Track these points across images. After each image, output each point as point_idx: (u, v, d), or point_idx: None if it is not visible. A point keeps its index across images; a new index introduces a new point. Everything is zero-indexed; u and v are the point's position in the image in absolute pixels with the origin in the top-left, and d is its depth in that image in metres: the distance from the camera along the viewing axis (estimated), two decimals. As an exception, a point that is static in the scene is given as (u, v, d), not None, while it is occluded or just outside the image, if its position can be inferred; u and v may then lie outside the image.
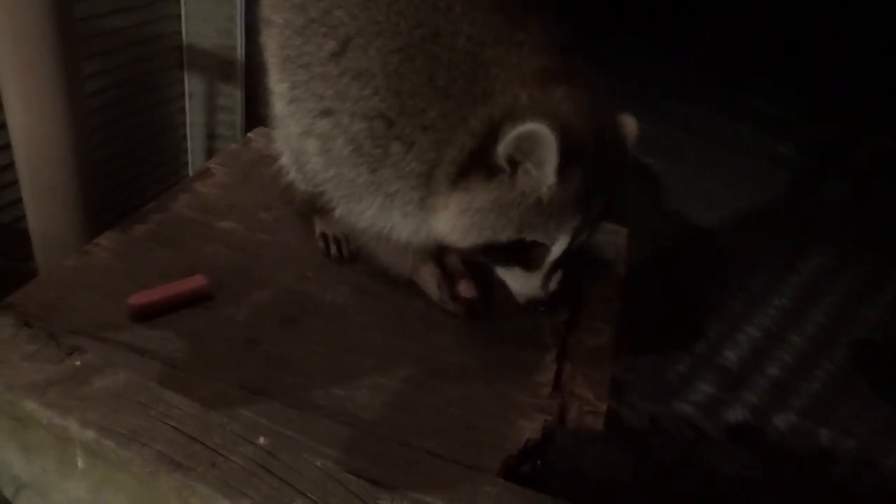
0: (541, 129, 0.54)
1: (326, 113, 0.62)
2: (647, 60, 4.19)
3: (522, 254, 0.61)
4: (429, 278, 0.71)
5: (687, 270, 2.49)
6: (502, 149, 0.56)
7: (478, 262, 0.68)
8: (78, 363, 0.39)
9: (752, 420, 1.87)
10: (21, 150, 0.73)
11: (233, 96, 1.92)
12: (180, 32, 1.81)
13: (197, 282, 0.66)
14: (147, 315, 0.62)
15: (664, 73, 4.07)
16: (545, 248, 0.61)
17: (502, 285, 0.66)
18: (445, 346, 0.68)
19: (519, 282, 0.64)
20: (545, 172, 0.56)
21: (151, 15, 1.63)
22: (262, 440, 0.37)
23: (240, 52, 1.85)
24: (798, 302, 2.35)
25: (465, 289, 0.70)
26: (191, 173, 2.05)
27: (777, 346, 2.14)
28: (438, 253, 0.71)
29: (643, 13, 4.71)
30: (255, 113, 2.14)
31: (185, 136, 2.02)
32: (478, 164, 0.58)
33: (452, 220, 0.61)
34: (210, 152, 2.00)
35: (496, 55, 0.59)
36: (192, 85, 1.92)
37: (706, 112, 3.65)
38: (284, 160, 0.73)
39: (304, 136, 0.65)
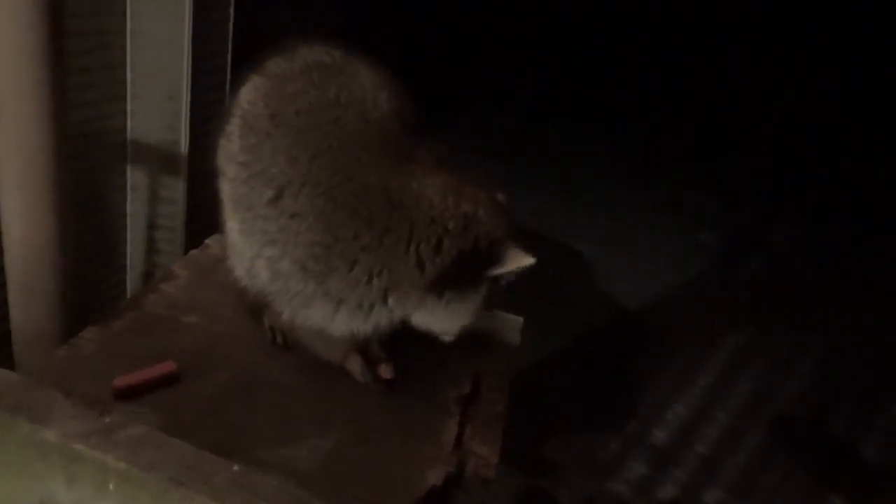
0: (531, 262, 0.83)
1: (272, 243, 0.84)
2: (574, 147, 4.70)
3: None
4: (354, 365, 0.96)
5: (616, 350, 2.78)
6: (508, 270, 0.84)
7: (392, 346, 0.94)
8: (107, 420, 0.61)
9: (682, 497, 2.09)
10: (15, 258, 0.94)
11: (175, 188, 2.09)
12: (125, 129, 2.00)
13: (168, 366, 0.88)
14: (128, 395, 0.84)
15: (590, 159, 4.58)
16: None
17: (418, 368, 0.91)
18: (370, 413, 0.92)
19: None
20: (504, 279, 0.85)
21: (97, 112, 1.80)
22: (235, 467, 0.60)
23: (184, 146, 2.05)
24: (721, 379, 2.65)
25: (385, 371, 0.96)
26: (128, 263, 2.21)
27: (703, 422, 2.41)
28: (362, 343, 0.94)
29: (571, 101, 5.23)
30: (198, 202, 2.33)
31: (124, 226, 2.15)
32: (456, 276, 0.83)
33: (444, 320, 0.87)
34: (151, 242, 2.16)
35: (405, 182, 0.83)
36: (135, 178, 2.07)
37: (629, 197, 4.13)
38: (237, 273, 0.94)
39: (254, 259, 0.87)
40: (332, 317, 0.86)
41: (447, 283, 0.83)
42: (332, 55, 0.91)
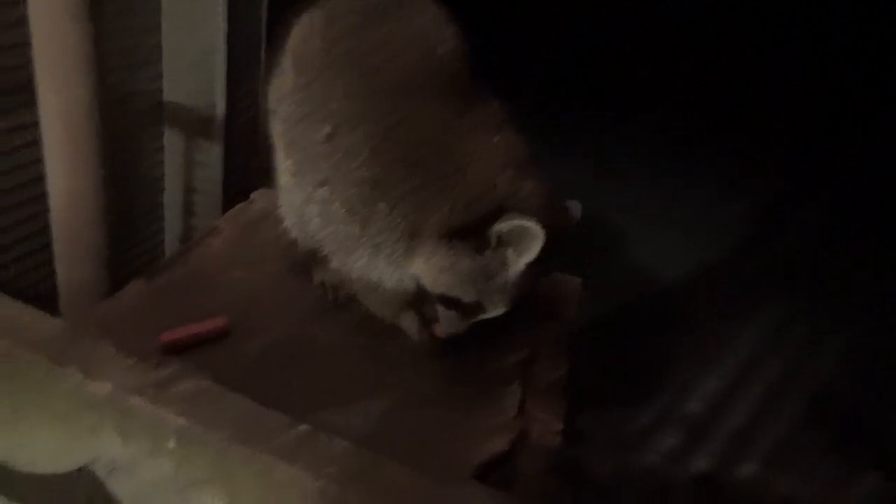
0: (537, 230, 0.72)
1: (324, 182, 0.81)
2: (605, 118, 4.56)
3: (466, 307, 0.81)
4: (408, 323, 0.90)
5: (648, 322, 2.70)
6: (499, 230, 0.74)
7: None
8: (162, 373, 0.56)
9: (715, 470, 2.03)
10: (60, 213, 0.90)
11: (212, 151, 2.07)
12: (160, 92, 1.96)
13: (219, 322, 0.83)
14: (175, 349, 0.79)
15: (621, 130, 4.43)
16: (484, 309, 0.81)
17: (476, 330, 0.84)
18: (424, 376, 0.87)
19: (449, 321, 0.83)
20: (520, 262, 0.75)
21: (132, 75, 1.81)
22: (301, 426, 0.54)
23: (220, 110, 2.01)
24: (755, 353, 2.57)
25: (440, 330, 0.89)
26: (166, 227, 2.19)
27: (737, 396, 2.34)
28: (418, 300, 0.89)
29: (601, 72, 5.07)
30: (234, 166, 2.31)
31: (161, 190, 2.14)
32: (468, 234, 0.76)
33: (432, 271, 0.79)
34: (187, 205, 2.13)
35: (464, 136, 0.78)
36: (171, 142, 2.05)
37: (661, 170, 3.99)
38: (287, 223, 0.92)
39: (306, 203, 0.84)
40: (373, 265, 0.82)
41: (464, 237, 0.76)
42: None
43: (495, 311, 0.81)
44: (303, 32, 0.85)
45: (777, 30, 4.91)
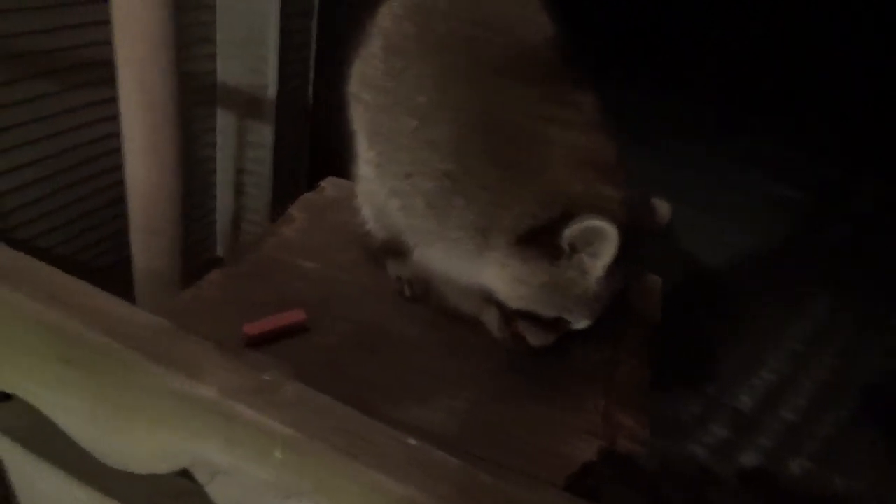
0: (608, 228, 0.66)
1: (407, 176, 0.77)
2: (647, 99, 4.41)
3: (549, 321, 0.76)
4: (490, 319, 0.86)
5: (694, 310, 2.63)
6: (569, 234, 0.69)
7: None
8: (267, 377, 0.53)
9: (764, 464, 1.97)
10: (137, 199, 0.88)
11: (263, 132, 2.07)
12: (213, 72, 1.95)
13: (298, 315, 0.80)
14: (258, 342, 0.77)
15: (664, 111, 4.28)
16: (569, 323, 0.76)
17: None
18: (503, 374, 0.83)
19: (535, 335, 0.78)
20: (597, 266, 0.69)
21: (185, 55, 1.84)
22: (411, 441, 0.51)
23: (271, 90, 2.00)
24: (805, 344, 2.48)
25: (523, 328, 0.85)
26: (217, 206, 2.19)
27: (789, 389, 2.26)
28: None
29: (644, 52, 4.90)
30: (284, 147, 2.30)
31: (213, 169, 2.15)
32: (539, 240, 0.71)
33: (506, 284, 0.74)
34: (239, 185, 2.14)
35: (550, 133, 0.72)
36: (223, 121, 2.05)
37: (706, 151, 3.84)
38: (365, 212, 0.89)
39: (389, 196, 0.80)
40: (450, 261, 0.78)
41: (537, 244, 0.71)
42: None
43: (581, 324, 0.76)
44: (393, 14, 0.80)
45: (838, 12, 4.66)
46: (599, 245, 0.68)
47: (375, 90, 0.80)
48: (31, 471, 0.63)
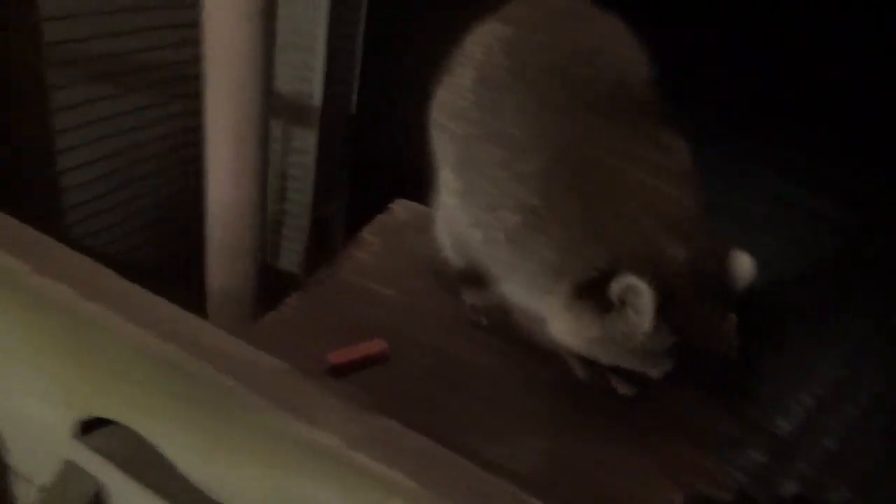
0: (642, 287, 0.65)
1: (492, 208, 0.76)
2: (677, 104, 4.33)
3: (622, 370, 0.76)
4: (575, 360, 0.85)
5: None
6: (615, 288, 0.68)
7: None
8: (384, 424, 0.52)
9: (804, 492, 1.93)
10: (217, 219, 0.88)
11: (307, 139, 2.07)
12: None
13: (380, 345, 0.80)
14: (342, 372, 0.77)
15: (692, 117, 4.19)
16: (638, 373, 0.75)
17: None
18: (583, 411, 0.82)
19: (620, 383, 0.79)
20: (642, 321, 0.68)
21: None
22: (533, 501, 0.50)
23: (317, 98, 2.00)
24: (846, 367, 2.41)
25: (609, 374, 0.84)
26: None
27: (830, 414, 2.20)
28: None
29: (676, 60, 4.81)
30: (327, 154, 2.30)
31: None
32: (594, 293, 0.70)
33: (565, 335, 0.75)
34: (281, 191, 2.14)
35: (632, 177, 0.71)
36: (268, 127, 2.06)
37: (738, 163, 3.75)
38: (442, 241, 0.88)
39: (472, 227, 0.79)
40: (522, 296, 0.78)
41: (590, 296, 0.70)
42: (583, 3, 0.77)
43: (653, 374, 0.74)
44: (485, 43, 0.79)
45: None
46: (638, 302, 0.67)
47: (465, 121, 0.79)
48: (132, 497, 0.63)
